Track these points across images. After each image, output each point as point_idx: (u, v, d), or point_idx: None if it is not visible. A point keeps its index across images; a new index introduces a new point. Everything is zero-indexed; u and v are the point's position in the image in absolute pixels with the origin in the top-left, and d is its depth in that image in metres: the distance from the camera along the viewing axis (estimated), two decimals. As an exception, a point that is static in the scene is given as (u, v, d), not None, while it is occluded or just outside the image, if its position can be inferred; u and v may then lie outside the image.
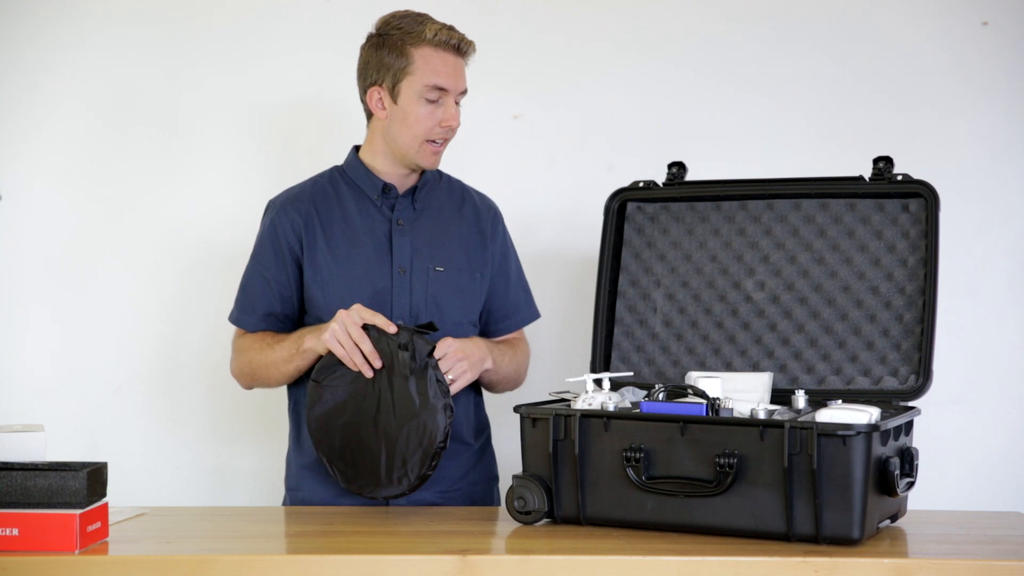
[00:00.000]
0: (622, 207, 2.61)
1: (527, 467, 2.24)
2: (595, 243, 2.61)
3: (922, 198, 2.39)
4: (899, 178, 2.40)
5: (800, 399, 2.29)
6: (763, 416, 2.13)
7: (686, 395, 2.24)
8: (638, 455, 2.13)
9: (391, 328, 2.38)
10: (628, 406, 2.28)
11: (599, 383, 2.34)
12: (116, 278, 3.27)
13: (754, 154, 3.16)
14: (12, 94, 3.26)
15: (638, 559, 1.98)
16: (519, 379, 2.71)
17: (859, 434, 2.01)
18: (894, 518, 2.21)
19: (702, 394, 2.17)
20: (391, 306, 2.54)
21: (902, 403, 2.31)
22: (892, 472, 2.08)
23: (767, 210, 2.52)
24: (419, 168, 2.58)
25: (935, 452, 2.74)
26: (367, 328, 2.39)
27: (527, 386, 2.74)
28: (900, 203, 2.42)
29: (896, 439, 2.14)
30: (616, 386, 2.40)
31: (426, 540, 2.13)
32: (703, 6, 3.20)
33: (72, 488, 1.99)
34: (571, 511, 2.20)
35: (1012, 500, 3.04)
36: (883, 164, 2.42)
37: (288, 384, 2.62)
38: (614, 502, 2.17)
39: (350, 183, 2.62)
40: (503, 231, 2.72)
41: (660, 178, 2.60)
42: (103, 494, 2.07)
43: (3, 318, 3.26)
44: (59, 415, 3.17)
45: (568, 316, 3.13)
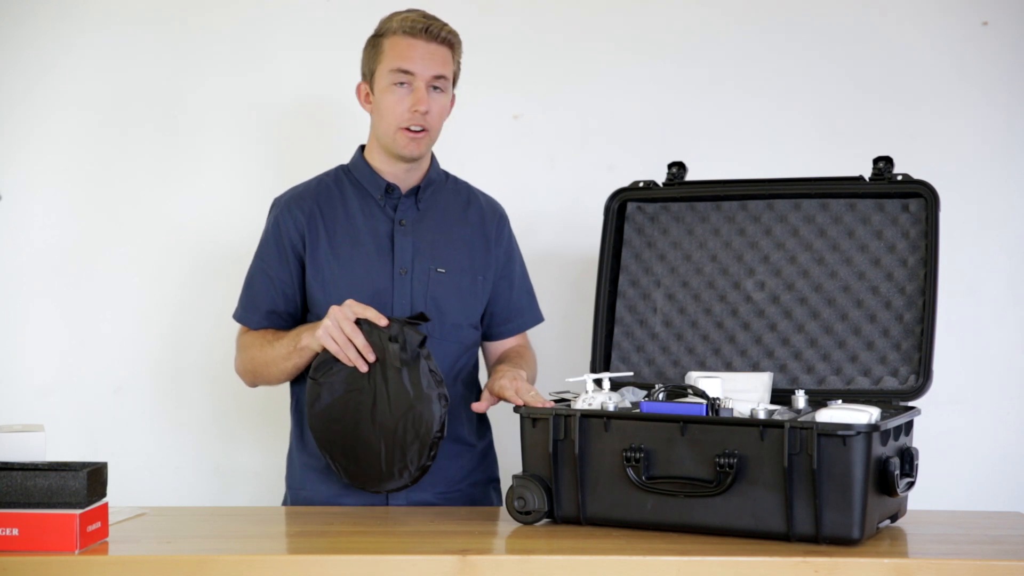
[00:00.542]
0: (622, 207, 2.61)
1: (527, 467, 2.24)
2: (595, 243, 2.61)
3: (922, 198, 2.39)
4: (899, 178, 2.40)
5: (800, 399, 2.29)
6: (763, 416, 2.13)
7: (686, 395, 2.24)
8: (638, 455, 2.13)
9: (382, 321, 2.38)
10: (628, 406, 2.28)
11: (599, 383, 2.34)
12: (117, 278, 3.26)
13: (754, 154, 3.15)
14: (13, 94, 3.25)
15: (638, 559, 1.98)
16: None
17: (859, 434, 2.01)
18: (894, 518, 2.21)
19: (702, 394, 2.17)
20: (391, 306, 2.54)
21: (902, 403, 2.31)
22: (892, 472, 2.08)
23: (767, 210, 2.52)
24: (404, 159, 2.56)
25: (935, 452, 2.74)
26: (360, 323, 2.39)
27: (527, 386, 2.74)
28: (900, 203, 2.42)
29: (896, 439, 2.14)
30: (616, 386, 2.40)
31: (426, 540, 2.13)
32: (703, 6, 3.20)
33: (72, 488, 1.99)
34: (571, 511, 2.20)
35: (1012, 500, 3.03)
36: (883, 164, 2.42)
37: (291, 382, 2.62)
38: (614, 502, 2.17)
39: (354, 182, 2.62)
40: (508, 234, 2.71)
41: (660, 178, 2.60)
42: (103, 494, 2.07)
43: (4, 318, 3.26)
44: (59, 415, 3.17)
45: (568, 316, 3.13)
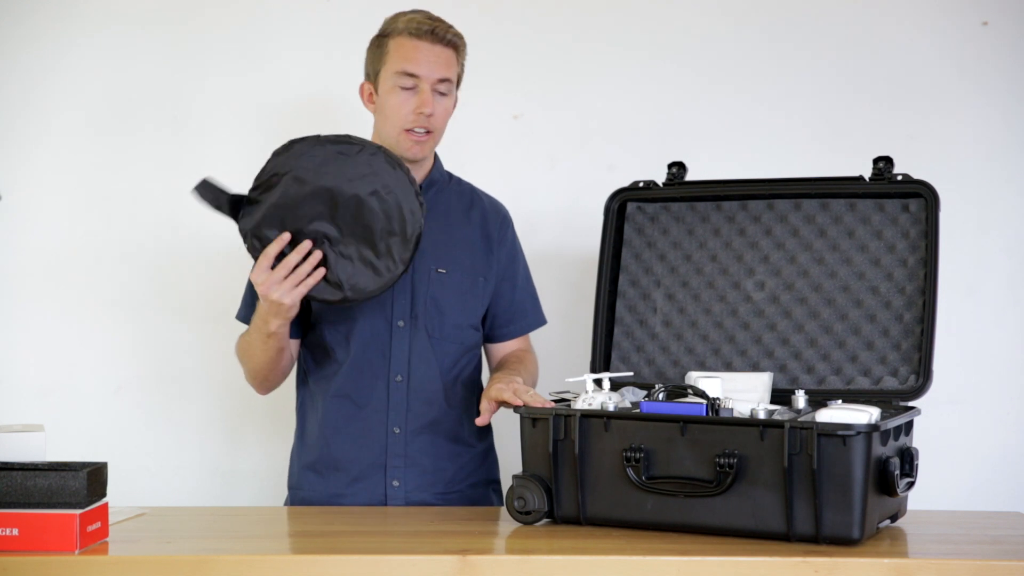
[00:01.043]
0: (622, 207, 2.61)
1: (527, 467, 2.24)
2: (595, 243, 2.61)
3: (922, 198, 2.39)
4: (899, 178, 2.40)
5: (800, 399, 2.29)
6: (763, 416, 2.13)
7: (686, 395, 2.24)
8: (638, 455, 2.13)
9: (286, 237, 2.40)
10: (628, 406, 2.28)
11: (599, 383, 2.34)
12: (117, 278, 3.26)
13: (754, 154, 3.15)
14: (13, 94, 3.25)
15: (638, 559, 1.98)
16: None
17: (859, 434, 2.01)
18: (894, 518, 2.21)
19: (702, 394, 2.17)
20: (391, 306, 2.54)
21: (902, 403, 2.31)
22: (892, 472, 2.08)
23: (767, 210, 2.52)
24: (407, 160, 2.53)
25: (935, 452, 2.74)
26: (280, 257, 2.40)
27: (527, 386, 2.74)
28: (900, 203, 2.42)
29: (896, 439, 2.14)
30: (616, 386, 2.40)
31: (426, 540, 2.13)
32: (703, 6, 3.20)
33: (72, 488, 1.99)
34: (571, 511, 2.20)
35: (1012, 500, 3.03)
36: (883, 164, 2.42)
37: (296, 383, 2.64)
38: (614, 502, 2.17)
39: None
40: (512, 236, 2.71)
41: (660, 178, 2.60)
42: (103, 494, 2.07)
43: (4, 318, 3.26)
44: (59, 415, 3.16)
45: (568, 316, 3.13)
